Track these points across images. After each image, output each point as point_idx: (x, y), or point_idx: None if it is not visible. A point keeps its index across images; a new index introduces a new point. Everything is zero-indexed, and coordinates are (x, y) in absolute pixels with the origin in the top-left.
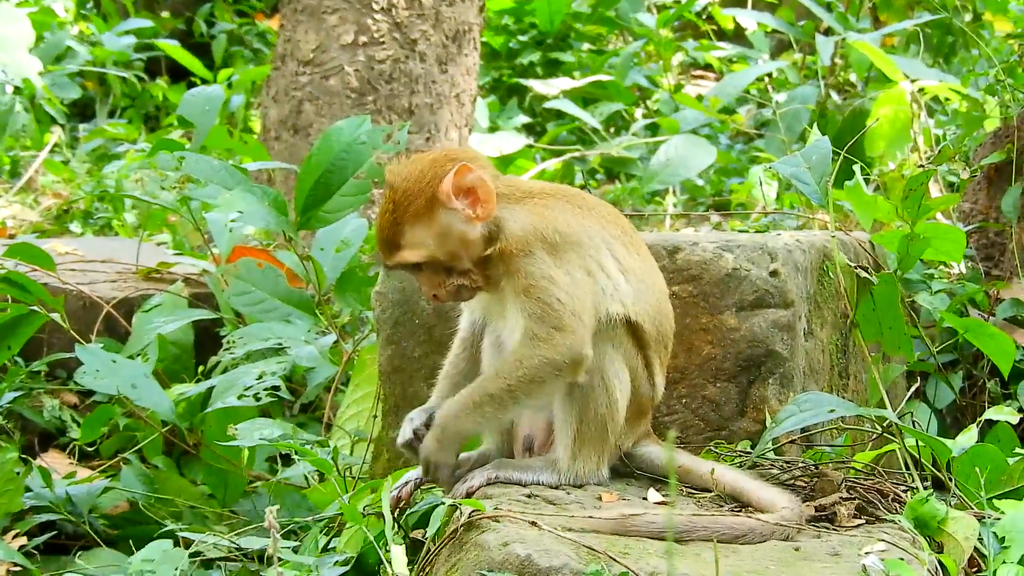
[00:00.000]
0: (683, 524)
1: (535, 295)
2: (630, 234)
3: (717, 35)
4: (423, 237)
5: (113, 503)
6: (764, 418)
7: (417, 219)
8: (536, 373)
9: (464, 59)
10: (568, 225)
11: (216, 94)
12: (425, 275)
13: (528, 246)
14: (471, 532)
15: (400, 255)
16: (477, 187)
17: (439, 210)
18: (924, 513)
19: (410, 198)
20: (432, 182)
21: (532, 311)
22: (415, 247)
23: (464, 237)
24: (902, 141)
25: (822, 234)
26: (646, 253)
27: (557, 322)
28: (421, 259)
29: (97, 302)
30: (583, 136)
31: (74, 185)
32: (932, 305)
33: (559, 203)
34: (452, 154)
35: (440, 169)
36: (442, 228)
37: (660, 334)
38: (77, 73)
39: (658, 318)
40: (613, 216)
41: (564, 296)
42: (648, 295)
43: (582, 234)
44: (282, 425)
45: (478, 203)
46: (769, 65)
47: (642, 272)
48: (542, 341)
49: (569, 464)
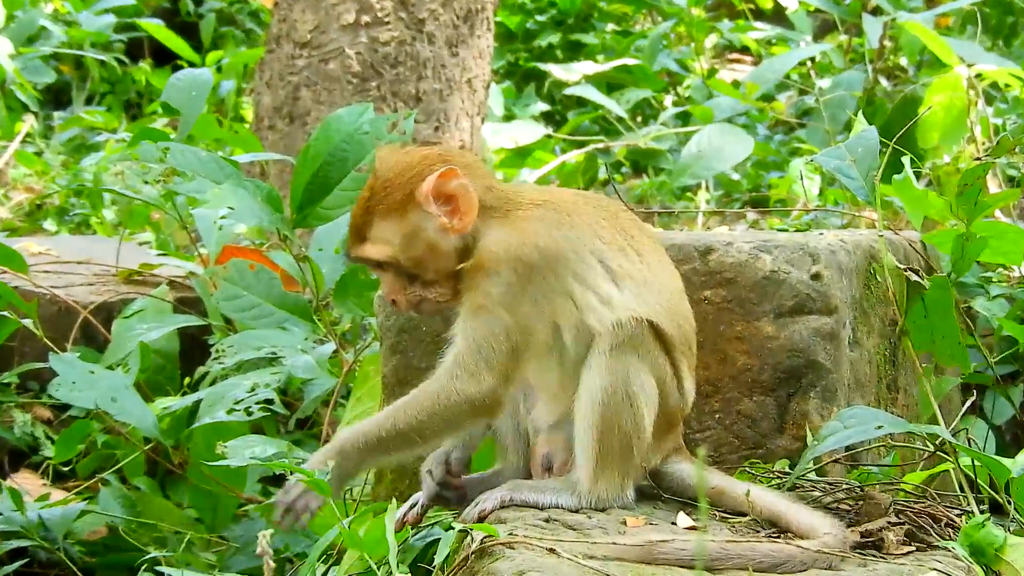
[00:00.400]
0: (716, 552)
1: (484, 318)
2: (631, 233)
3: (755, 15)
4: (390, 235)
5: (90, 528)
6: (805, 435)
7: (388, 214)
8: (454, 411)
9: (477, 41)
10: (551, 239)
11: (204, 79)
12: (387, 277)
13: (497, 265)
14: (483, 560)
15: (363, 248)
16: (459, 196)
17: (413, 210)
18: (980, 539)
19: (388, 190)
20: (414, 179)
21: (473, 336)
22: (379, 243)
23: (434, 245)
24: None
25: (868, 233)
26: (654, 253)
27: (492, 358)
28: (383, 257)
29: (73, 307)
30: (607, 126)
31: (48, 178)
32: (990, 311)
33: (547, 214)
34: (447, 155)
35: (427, 168)
36: (411, 230)
37: (681, 335)
38: (51, 56)
39: (675, 319)
40: (610, 218)
41: (504, 334)
42: (650, 296)
43: (566, 248)
44: (276, 442)
45: (457, 213)
46: (812, 48)
47: (643, 275)
48: (470, 375)
49: (590, 486)
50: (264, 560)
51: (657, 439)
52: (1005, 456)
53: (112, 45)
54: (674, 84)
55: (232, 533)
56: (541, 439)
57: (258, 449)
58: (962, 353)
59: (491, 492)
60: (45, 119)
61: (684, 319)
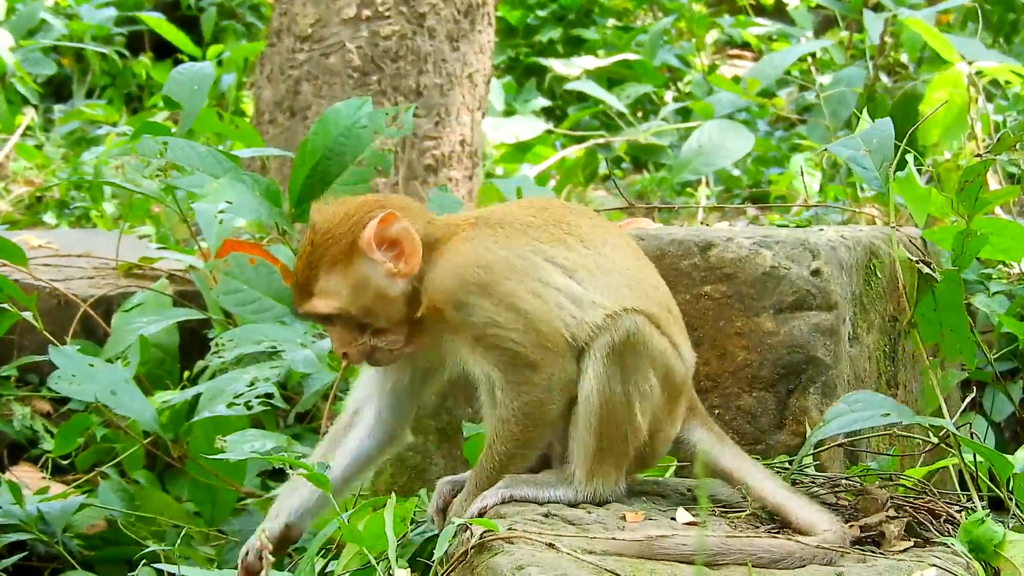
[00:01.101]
0: (716, 547)
1: (490, 344)
2: (567, 222)
3: (755, 10)
4: (337, 287)
5: (89, 521)
6: (804, 431)
7: (332, 266)
8: (531, 419)
9: (478, 35)
10: (490, 253)
11: (205, 72)
12: (336, 330)
13: (455, 297)
14: (482, 555)
15: (310, 303)
16: (402, 239)
17: (358, 259)
18: (980, 536)
19: (329, 242)
20: (354, 227)
21: (496, 361)
22: (327, 296)
23: (382, 293)
24: (958, 128)
25: (869, 229)
26: (597, 234)
27: (526, 361)
28: (331, 311)
29: (73, 300)
30: (607, 121)
31: (48, 172)
32: (990, 308)
33: (478, 231)
34: (383, 201)
35: (366, 215)
36: (358, 280)
37: (658, 304)
38: (52, 48)
39: (643, 291)
40: (540, 215)
41: (518, 335)
42: (610, 279)
43: (510, 256)
44: (275, 436)
45: (402, 257)
46: (813, 44)
47: (594, 261)
48: (521, 386)
49: (586, 480)
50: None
51: (670, 411)
52: (1004, 452)
53: (113, 38)
54: (675, 80)
55: (231, 527)
56: None
57: (257, 443)
58: (970, 347)
59: (491, 488)
60: (45, 112)
61: (652, 287)
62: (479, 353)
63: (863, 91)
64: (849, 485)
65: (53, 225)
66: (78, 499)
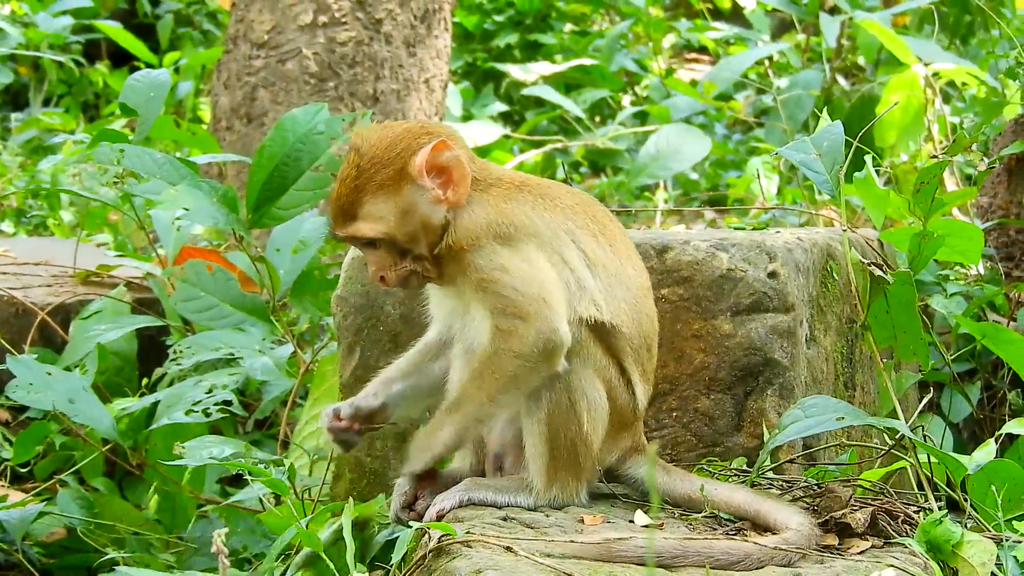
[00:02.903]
0: (673, 549)
1: (491, 289)
2: (603, 223)
3: (712, 14)
4: (384, 211)
5: (48, 529)
6: (762, 433)
7: (381, 190)
8: (507, 371)
9: (434, 41)
10: (526, 216)
11: (162, 80)
12: (377, 254)
13: (477, 240)
14: (440, 559)
15: (355, 226)
16: (452, 167)
17: (407, 185)
18: (937, 536)
19: (377, 166)
20: (404, 153)
21: (492, 305)
22: (373, 220)
23: (427, 220)
24: (915, 130)
25: (825, 232)
26: (625, 246)
27: (518, 311)
28: (377, 235)
29: (31, 308)
30: (565, 126)
31: (5, 180)
32: (947, 309)
33: (521, 194)
34: (428, 127)
35: (414, 141)
36: (406, 205)
37: (641, 336)
38: (8, 57)
39: (637, 317)
40: (583, 206)
41: (520, 283)
42: (620, 290)
43: (541, 225)
44: (234, 443)
45: (450, 184)
46: (769, 47)
47: (615, 267)
48: (507, 335)
49: (544, 487)
50: (219, 559)
51: (610, 438)
52: (962, 453)
53: (69, 46)
54: (632, 84)
55: (190, 533)
56: (494, 436)
57: (216, 449)
58: (923, 348)
59: (449, 491)
60: (2, 120)
61: (647, 318)
62: (479, 297)
63: (820, 94)
64: (808, 487)
65: (11, 233)
66: (37, 507)
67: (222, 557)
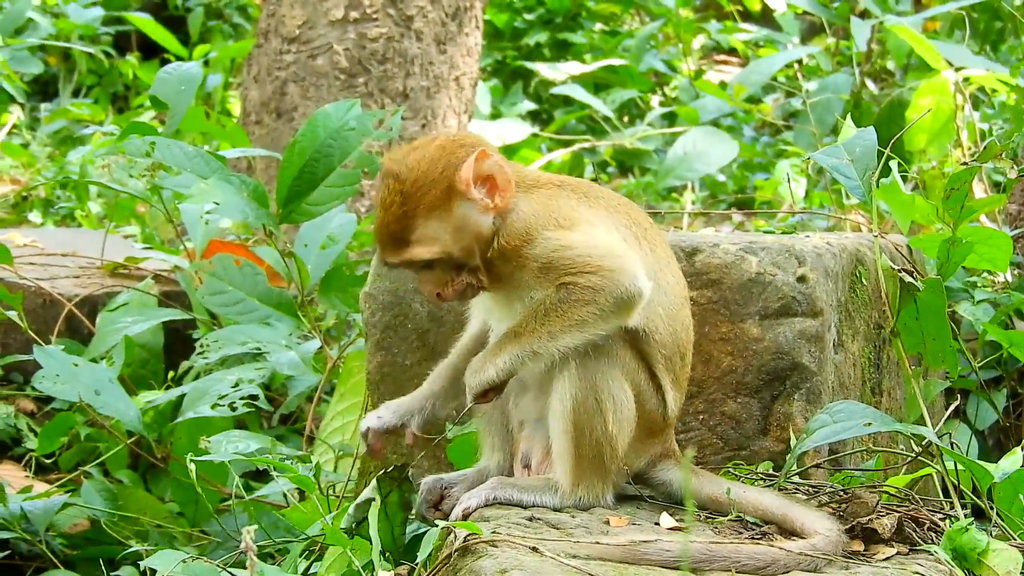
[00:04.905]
0: (700, 553)
1: (555, 264)
2: (644, 227)
3: (742, 16)
4: (438, 231)
5: (72, 521)
6: (788, 437)
7: (431, 211)
8: (575, 315)
9: (465, 38)
10: (572, 210)
11: (192, 72)
12: (433, 273)
13: (529, 235)
14: (466, 558)
15: (410, 252)
16: (496, 174)
17: (456, 201)
18: (963, 544)
19: (422, 189)
20: (447, 170)
21: (558, 275)
22: (428, 243)
23: (479, 230)
24: (945, 136)
25: (854, 236)
26: (664, 251)
27: (590, 267)
28: (434, 255)
29: (58, 299)
30: (593, 125)
31: (34, 170)
32: (974, 316)
33: (564, 193)
34: (459, 139)
35: (453, 156)
36: (458, 221)
37: (675, 343)
38: (39, 47)
39: (672, 325)
40: (624, 207)
41: (585, 248)
42: (658, 295)
43: (591, 216)
44: (259, 438)
45: (495, 191)
46: (799, 50)
47: (656, 270)
48: (577, 287)
49: (571, 488)
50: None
51: (639, 443)
52: (988, 461)
53: (100, 38)
54: (661, 84)
55: (213, 528)
56: (523, 435)
57: (241, 444)
58: (952, 356)
59: (475, 490)
60: (32, 111)
61: (683, 326)
62: (542, 279)
63: (849, 98)
64: (834, 492)
65: (39, 224)
66: (61, 498)
67: (251, 553)
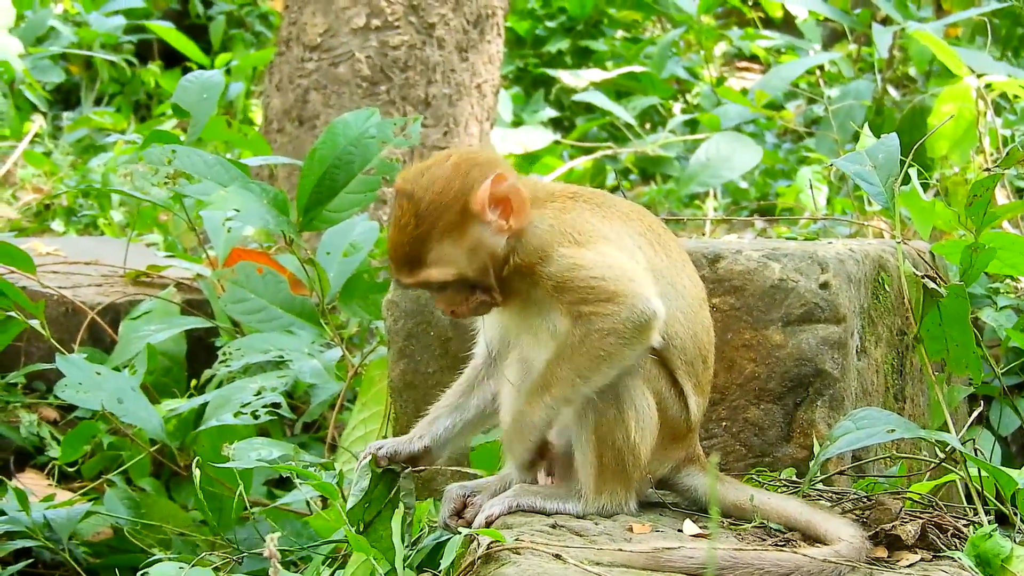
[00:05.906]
0: (724, 560)
1: (570, 285)
2: (658, 233)
3: (764, 23)
4: (453, 253)
5: (95, 529)
6: (811, 444)
7: (446, 234)
8: (597, 350)
9: (486, 46)
10: (587, 223)
11: (214, 81)
12: (448, 294)
13: (544, 253)
14: (489, 565)
15: (425, 273)
16: (511, 196)
17: (470, 223)
18: (987, 550)
19: (437, 210)
20: (462, 191)
21: (573, 299)
22: (444, 264)
23: (493, 251)
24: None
25: (877, 243)
26: (679, 256)
27: (604, 294)
28: (449, 278)
29: (80, 308)
30: (615, 132)
31: (56, 179)
32: (997, 322)
33: (578, 205)
34: (473, 158)
35: (467, 176)
36: (473, 243)
37: (696, 347)
38: (61, 56)
39: (692, 328)
40: (638, 214)
41: (599, 271)
42: (675, 300)
43: (606, 230)
44: (282, 445)
45: (510, 213)
46: (821, 56)
47: (672, 275)
48: (594, 317)
49: (594, 495)
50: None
51: (662, 449)
52: (1011, 467)
53: (122, 46)
54: (683, 91)
55: (237, 535)
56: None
57: (264, 451)
58: (976, 362)
59: (498, 497)
60: (54, 119)
61: (703, 329)
62: (556, 299)
63: (871, 104)
64: (858, 499)
65: (61, 232)
66: (84, 506)
67: (275, 561)
